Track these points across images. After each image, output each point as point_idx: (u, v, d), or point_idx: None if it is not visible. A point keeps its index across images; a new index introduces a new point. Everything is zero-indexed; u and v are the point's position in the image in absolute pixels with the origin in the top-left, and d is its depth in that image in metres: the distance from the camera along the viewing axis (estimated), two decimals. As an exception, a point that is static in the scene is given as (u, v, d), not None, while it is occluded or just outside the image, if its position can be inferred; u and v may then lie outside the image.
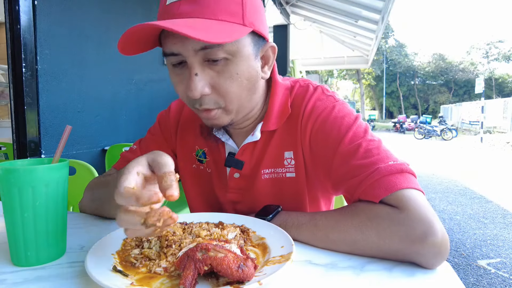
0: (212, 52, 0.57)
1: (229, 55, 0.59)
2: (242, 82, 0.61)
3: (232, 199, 0.77)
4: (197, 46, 0.56)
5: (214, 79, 0.60)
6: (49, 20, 1.86)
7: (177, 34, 0.56)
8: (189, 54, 0.57)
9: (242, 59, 0.60)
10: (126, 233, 0.44)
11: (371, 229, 0.53)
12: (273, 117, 0.72)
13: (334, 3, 5.14)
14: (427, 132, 15.37)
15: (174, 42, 0.58)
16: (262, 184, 0.73)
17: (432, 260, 0.49)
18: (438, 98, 40.41)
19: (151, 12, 2.91)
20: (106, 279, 0.42)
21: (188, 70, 0.59)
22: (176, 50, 0.58)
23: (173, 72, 0.63)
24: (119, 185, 0.42)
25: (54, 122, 1.91)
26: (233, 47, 0.58)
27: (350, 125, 0.66)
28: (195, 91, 0.58)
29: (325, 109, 0.70)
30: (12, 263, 0.52)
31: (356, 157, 0.62)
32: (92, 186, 0.80)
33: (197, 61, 0.58)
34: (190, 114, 0.84)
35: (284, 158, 0.73)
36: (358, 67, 10.22)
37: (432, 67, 40.71)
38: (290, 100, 0.73)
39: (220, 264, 0.41)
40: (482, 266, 2.50)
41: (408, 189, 0.55)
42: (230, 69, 0.60)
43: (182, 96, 0.64)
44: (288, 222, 0.61)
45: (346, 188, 0.63)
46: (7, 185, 0.49)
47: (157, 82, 3.02)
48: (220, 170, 0.78)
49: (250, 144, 0.73)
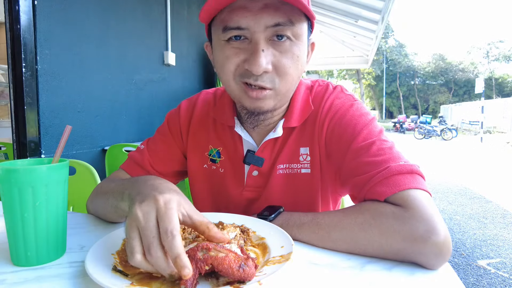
0: (282, 30, 0.59)
1: (293, 36, 0.61)
2: (298, 66, 0.64)
3: (249, 197, 0.76)
4: (270, 21, 0.58)
5: (277, 57, 0.61)
6: (49, 20, 1.86)
7: (250, 7, 0.58)
8: (259, 29, 0.59)
9: (302, 44, 0.63)
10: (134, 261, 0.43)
11: (374, 227, 0.53)
12: (296, 114, 0.73)
13: (334, 3, 5.14)
14: (427, 132, 15.37)
15: (245, 15, 0.58)
16: (277, 179, 0.74)
17: (434, 261, 0.49)
18: (438, 98, 40.40)
19: (151, 12, 2.91)
20: (106, 279, 0.42)
21: (253, 46, 0.60)
22: (245, 24, 0.59)
23: (228, 47, 0.62)
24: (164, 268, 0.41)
25: (54, 122, 1.91)
26: (299, 30, 0.61)
27: (366, 123, 0.67)
28: (261, 66, 0.59)
29: (342, 106, 0.72)
30: (12, 263, 0.52)
31: (368, 154, 0.63)
32: (97, 192, 0.75)
33: (264, 37, 0.60)
34: (202, 113, 0.83)
35: (300, 154, 0.73)
36: (358, 67, 10.21)
37: (432, 67, 40.70)
38: (311, 98, 0.75)
39: (221, 264, 0.41)
40: (482, 266, 2.50)
41: (414, 189, 0.55)
42: (293, 50, 0.62)
43: (231, 69, 0.63)
44: (290, 221, 0.61)
45: (354, 184, 0.63)
46: (7, 185, 0.49)
47: (157, 82, 3.02)
48: (236, 169, 0.77)
49: (271, 141, 0.74)
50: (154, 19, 2.97)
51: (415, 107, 42.51)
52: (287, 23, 0.59)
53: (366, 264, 0.51)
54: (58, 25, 1.92)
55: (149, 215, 0.43)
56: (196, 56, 3.86)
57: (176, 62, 3.28)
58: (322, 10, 5.60)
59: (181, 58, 3.44)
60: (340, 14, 5.44)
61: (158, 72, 3.03)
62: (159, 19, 3.04)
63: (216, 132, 0.80)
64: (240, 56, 0.62)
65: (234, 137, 0.77)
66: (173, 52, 3.21)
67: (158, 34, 3.04)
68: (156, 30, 2.99)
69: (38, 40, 1.79)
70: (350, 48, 8.13)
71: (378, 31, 5.53)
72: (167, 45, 3.15)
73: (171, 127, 0.84)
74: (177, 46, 3.33)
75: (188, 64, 3.67)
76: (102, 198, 0.67)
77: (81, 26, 2.10)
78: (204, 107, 0.84)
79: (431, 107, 40.97)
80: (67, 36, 1.98)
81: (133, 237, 0.43)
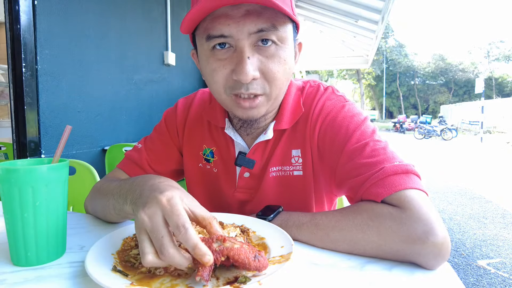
0: (266, 35, 0.58)
1: (278, 40, 0.60)
2: (286, 68, 0.63)
3: (241, 198, 0.76)
4: (254, 28, 0.57)
5: (264, 63, 0.60)
6: (49, 20, 1.86)
7: (232, 15, 0.57)
8: (243, 36, 0.58)
9: (287, 47, 0.62)
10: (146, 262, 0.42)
11: (372, 228, 0.53)
12: (286, 116, 0.73)
13: (334, 3, 5.14)
14: (427, 132, 15.37)
15: (227, 23, 0.57)
16: (269, 182, 0.73)
17: (433, 261, 0.49)
18: (438, 98, 40.40)
19: (150, 12, 2.91)
20: (106, 279, 0.42)
21: (238, 54, 0.59)
22: (228, 32, 0.58)
23: (213, 59, 0.61)
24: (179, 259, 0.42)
25: (54, 122, 1.91)
26: (283, 33, 0.61)
27: (359, 124, 0.67)
28: (248, 74, 0.58)
29: (334, 107, 0.71)
30: (12, 263, 0.52)
31: (362, 155, 0.62)
32: (95, 192, 0.75)
33: (248, 44, 0.59)
34: (198, 112, 0.83)
35: (292, 156, 0.73)
36: (358, 67, 10.21)
37: (432, 67, 40.71)
38: (301, 100, 0.74)
39: (237, 254, 0.41)
40: (482, 266, 2.50)
41: (411, 190, 0.55)
42: (280, 54, 0.61)
43: (221, 83, 0.62)
44: (288, 221, 0.61)
45: (350, 187, 0.63)
46: (7, 185, 0.49)
47: (157, 82, 3.02)
48: (228, 170, 0.77)
49: (262, 143, 0.74)
50: (154, 19, 2.97)
51: (415, 107, 42.51)
52: (271, 28, 0.58)
53: (366, 264, 0.51)
54: (58, 25, 1.92)
55: (155, 217, 0.44)
56: (196, 56, 3.86)
57: (176, 62, 3.28)
58: (322, 10, 5.60)
59: (181, 58, 3.44)
60: (340, 14, 5.44)
61: (158, 72, 3.03)
62: (159, 19, 3.04)
63: (210, 132, 0.80)
64: (227, 67, 0.61)
65: (226, 138, 0.77)
66: (173, 52, 3.21)
67: (158, 34, 3.04)
68: (156, 30, 3.00)
69: (38, 40, 1.79)
70: (350, 48, 8.13)
71: (378, 31, 5.53)
72: (167, 45, 3.15)
73: (168, 125, 0.84)
74: (177, 46, 3.33)
75: (188, 64, 3.67)
76: (102, 199, 0.67)
77: (81, 26, 2.10)
78: (200, 106, 0.84)
79: (431, 107, 40.98)
80: (67, 36, 1.98)
81: (143, 239, 0.43)
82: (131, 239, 0.56)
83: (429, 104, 41.64)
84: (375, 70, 40.92)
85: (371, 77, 43.84)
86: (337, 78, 44.95)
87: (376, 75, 42.41)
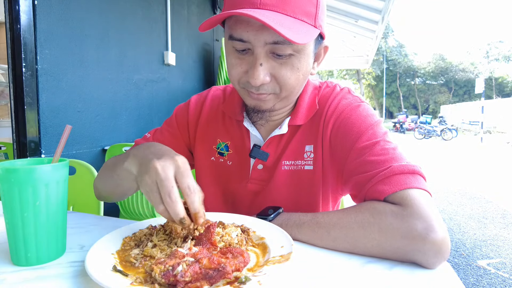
0: (282, 48, 0.60)
1: (294, 51, 0.62)
2: (299, 76, 0.65)
3: (253, 189, 0.79)
4: (270, 39, 0.59)
5: (276, 69, 0.63)
6: (49, 20, 1.86)
7: (252, 22, 0.59)
8: (259, 44, 0.60)
9: (304, 56, 0.64)
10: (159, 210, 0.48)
11: (374, 226, 0.53)
12: (301, 112, 0.75)
13: (334, 3, 5.14)
14: (427, 132, 15.38)
15: (247, 30, 0.60)
16: (281, 175, 0.75)
17: (433, 259, 0.49)
18: (438, 98, 40.40)
19: (151, 12, 2.91)
20: (106, 279, 0.42)
21: (253, 58, 0.62)
22: (246, 37, 0.60)
23: (234, 55, 0.65)
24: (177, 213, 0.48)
25: (54, 122, 1.91)
26: (300, 46, 0.62)
27: (371, 124, 0.69)
28: (258, 79, 0.62)
29: (349, 106, 0.73)
30: (12, 263, 0.52)
31: (371, 153, 0.64)
32: (103, 169, 0.78)
33: (263, 52, 0.61)
34: (212, 108, 0.86)
35: (305, 151, 0.75)
36: (358, 67, 10.21)
37: (432, 67, 40.70)
38: (317, 98, 0.77)
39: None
40: (482, 266, 2.50)
41: (414, 189, 0.56)
42: (293, 63, 0.63)
43: (236, 78, 0.67)
44: (289, 221, 0.61)
45: (355, 182, 0.64)
46: (7, 185, 0.49)
47: (157, 82, 3.02)
48: (242, 162, 0.80)
49: (276, 137, 0.76)
50: (154, 19, 2.97)
51: (415, 107, 42.52)
52: (286, 42, 0.59)
53: (366, 263, 0.51)
54: (58, 25, 1.92)
55: (169, 169, 0.48)
56: (196, 56, 3.86)
57: (176, 62, 3.27)
58: (322, 10, 5.59)
59: (181, 58, 3.43)
60: (340, 14, 5.44)
61: (158, 72, 3.03)
62: (159, 19, 3.04)
63: (224, 126, 0.83)
64: (243, 67, 0.65)
65: (242, 131, 0.80)
66: (173, 52, 3.21)
67: (158, 34, 3.03)
68: (156, 30, 2.99)
69: (38, 40, 1.79)
70: (350, 48, 8.12)
71: (378, 31, 5.53)
72: (167, 45, 3.15)
73: (179, 120, 0.87)
74: (177, 46, 3.33)
75: (188, 64, 3.67)
76: (109, 171, 0.71)
77: (81, 26, 2.10)
78: (214, 102, 0.87)
79: (431, 107, 40.98)
80: (67, 36, 1.98)
81: (153, 190, 0.48)
82: (131, 239, 0.56)
83: (429, 104, 41.63)
84: (375, 70, 40.89)
85: (371, 77, 43.82)
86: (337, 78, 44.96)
87: (376, 75, 42.39)
